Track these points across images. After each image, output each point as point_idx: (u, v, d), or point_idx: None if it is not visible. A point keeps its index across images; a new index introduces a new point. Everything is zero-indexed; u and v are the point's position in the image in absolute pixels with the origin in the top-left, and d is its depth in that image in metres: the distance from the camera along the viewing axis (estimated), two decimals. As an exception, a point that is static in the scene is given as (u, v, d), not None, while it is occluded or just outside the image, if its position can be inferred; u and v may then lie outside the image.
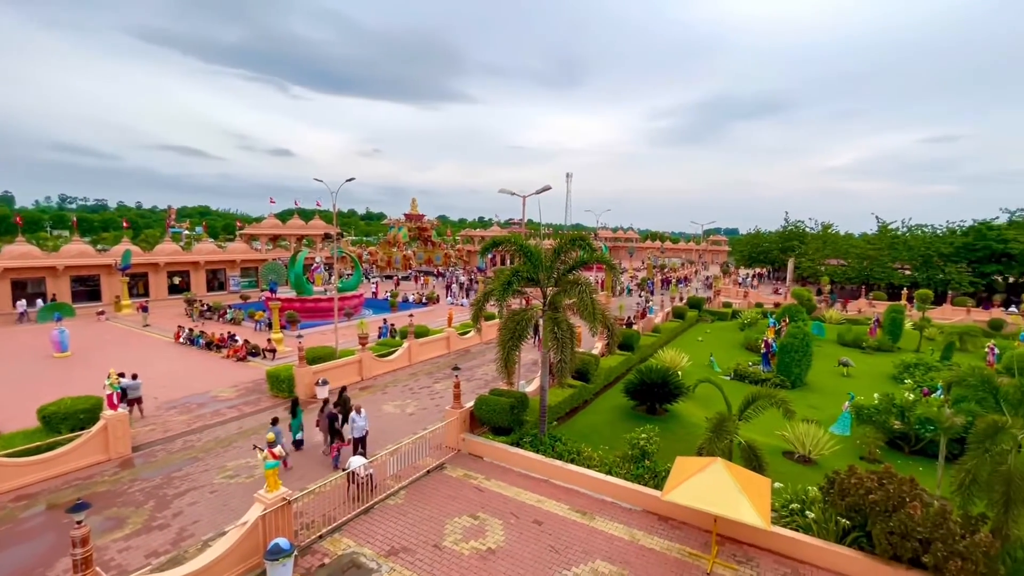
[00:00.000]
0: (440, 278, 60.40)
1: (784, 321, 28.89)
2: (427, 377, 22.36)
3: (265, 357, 24.67)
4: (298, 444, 14.91)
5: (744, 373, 22.65)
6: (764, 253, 71.99)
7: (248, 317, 33.51)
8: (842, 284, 55.24)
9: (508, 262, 62.11)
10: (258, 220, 69.43)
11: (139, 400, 17.31)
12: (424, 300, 42.66)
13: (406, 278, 59.56)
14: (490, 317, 27.21)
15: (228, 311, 34.62)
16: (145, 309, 33.92)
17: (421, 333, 26.05)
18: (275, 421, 14.13)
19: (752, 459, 11.90)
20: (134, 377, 17.60)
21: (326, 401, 15.22)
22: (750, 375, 22.43)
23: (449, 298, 45.33)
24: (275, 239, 58.18)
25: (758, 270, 75.95)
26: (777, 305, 41.17)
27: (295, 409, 15.23)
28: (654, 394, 17.68)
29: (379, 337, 27.02)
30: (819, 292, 51.43)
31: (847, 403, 17.55)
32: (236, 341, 26.17)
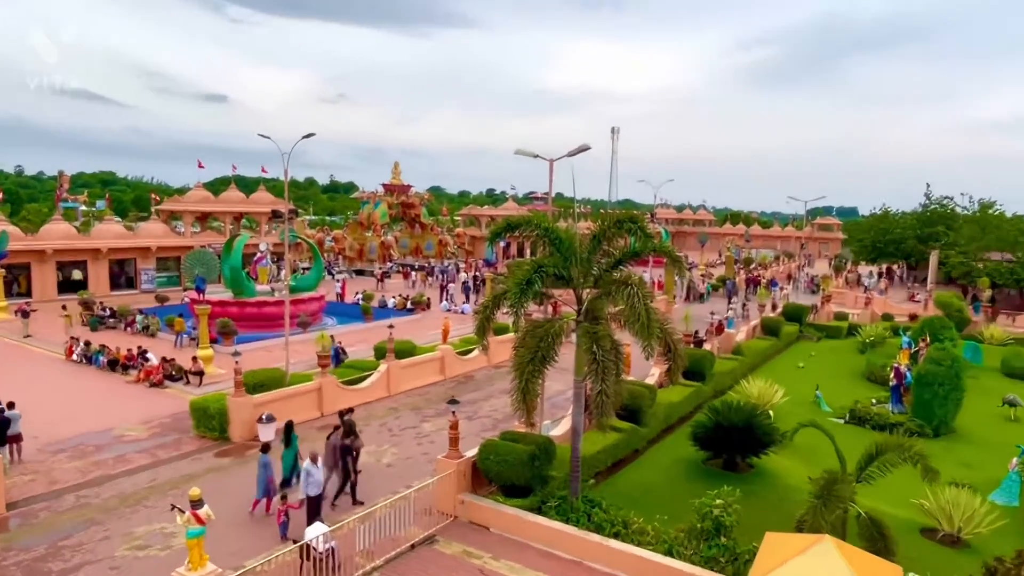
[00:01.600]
0: (432, 275, 60.68)
1: (923, 341, 28.48)
2: (412, 413, 22.42)
3: (189, 382, 25.03)
4: (286, 483, 15.40)
5: (865, 414, 22.53)
6: (895, 243, 70.90)
7: (166, 326, 34.00)
8: (1009, 288, 54.14)
9: (528, 253, 62.13)
10: (181, 191, 70.40)
11: (18, 438, 17.66)
12: (409, 305, 42.86)
13: (387, 274, 59.97)
14: (502, 329, 27.19)
15: (139, 318, 35.18)
16: (26, 314, 34.64)
17: (405, 351, 26.18)
18: (265, 448, 14.78)
19: (876, 538, 11.75)
20: (10, 406, 17.97)
21: (336, 428, 16.05)
22: (873, 417, 22.29)
23: (444, 303, 45.46)
24: (204, 218, 59.12)
25: (886, 266, 75.00)
26: (914, 317, 40.57)
27: (289, 436, 15.88)
28: (734, 442, 17.58)
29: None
30: (975, 299, 50.56)
31: (1015, 460, 17.24)
32: (149, 359, 26.58)
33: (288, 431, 16.13)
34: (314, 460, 14.08)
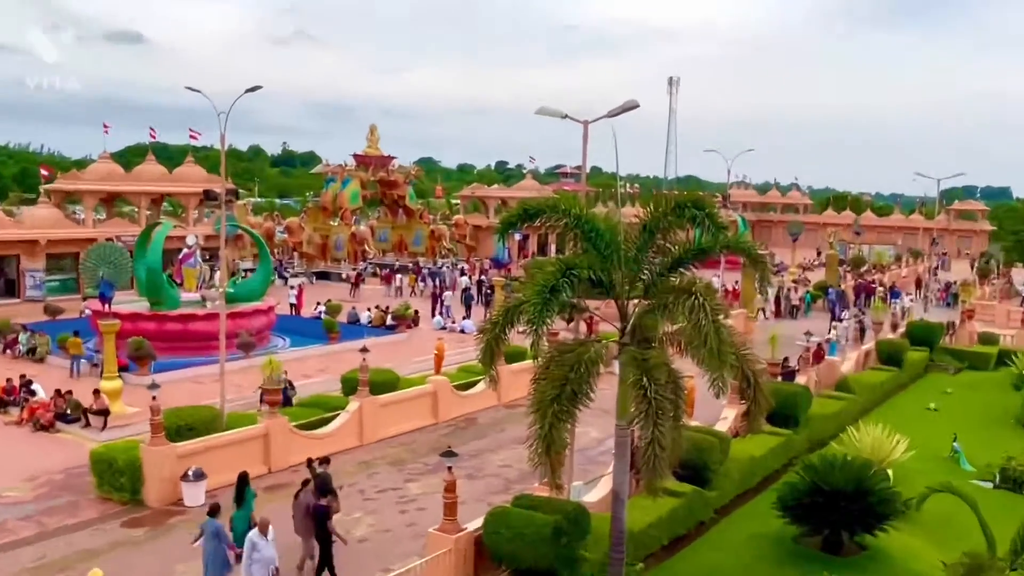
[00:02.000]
0: (422, 279, 60.76)
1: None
2: (393, 469, 22.47)
3: (89, 424, 25.12)
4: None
5: (1021, 476, 22.43)
6: (1063, 237, 70.47)
7: (58, 348, 34.24)
8: None
9: (553, 250, 61.96)
10: (80, 165, 71.18)
11: None
12: (390, 321, 42.94)
13: (361, 277, 60.10)
14: (517, 355, 27.18)
15: (22, 336, 35.47)
16: None
17: (384, 384, 26.28)
18: (214, 510, 14.79)
19: (1037, 648, 11.60)
20: None
21: (306, 482, 16.37)
22: (1034, 481, 22.17)
23: (437, 317, 45.56)
24: (111, 200, 59.65)
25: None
26: (1089, 341, 40.20)
27: (241, 492, 16.09)
28: (838, 513, 17.43)
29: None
30: None
31: None
32: (36, 393, 26.78)
33: (241, 486, 16.25)
34: (263, 530, 14.12)
